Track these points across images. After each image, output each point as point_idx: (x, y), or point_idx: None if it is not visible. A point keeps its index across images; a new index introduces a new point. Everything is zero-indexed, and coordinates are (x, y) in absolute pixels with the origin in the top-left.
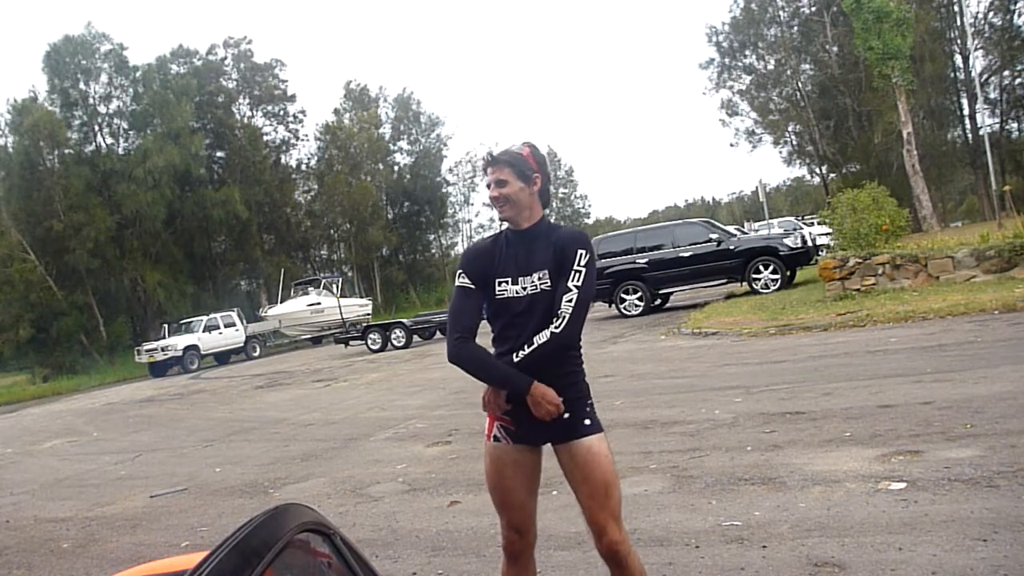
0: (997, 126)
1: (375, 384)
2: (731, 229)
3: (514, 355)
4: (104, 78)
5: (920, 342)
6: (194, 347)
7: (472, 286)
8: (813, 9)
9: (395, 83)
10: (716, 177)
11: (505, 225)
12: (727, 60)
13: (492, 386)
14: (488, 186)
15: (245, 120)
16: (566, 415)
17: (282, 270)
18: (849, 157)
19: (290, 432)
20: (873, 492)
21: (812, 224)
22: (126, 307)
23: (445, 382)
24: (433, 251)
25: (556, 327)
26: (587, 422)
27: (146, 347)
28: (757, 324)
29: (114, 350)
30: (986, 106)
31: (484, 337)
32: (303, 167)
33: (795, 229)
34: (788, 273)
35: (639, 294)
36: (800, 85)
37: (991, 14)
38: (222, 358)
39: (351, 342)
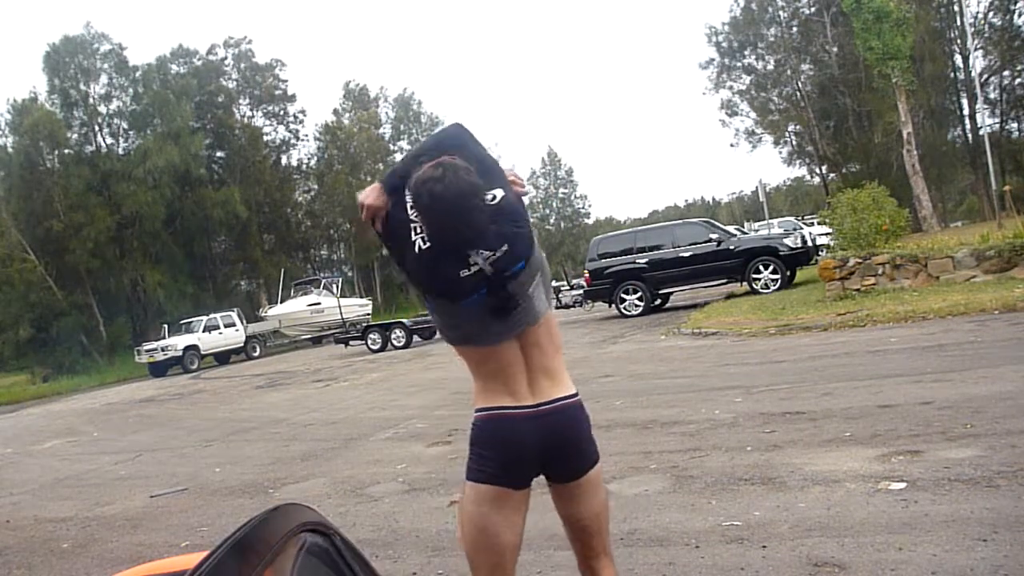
0: (997, 126)
1: (375, 384)
2: (731, 229)
3: None
4: (104, 78)
5: (920, 342)
6: (194, 347)
7: None
8: (813, 9)
9: (395, 83)
10: (716, 177)
11: None
12: (727, 60)
13: None
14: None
15: (245, 120)
16: None
17: (282, 270)
18: (849, 157)
19: (290, 432)
20: (873, 492)
21: (812, 224)
22: (126, 307)
23: (445, 382)
24: None
25: None
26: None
27: (146, 347)
28: (757, 324)
29: (114, 350)
30: (986, 106)
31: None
32: (303, 167)
33: (795, 229)
34: (788, 273)
35: (639, 294)
36: (800, 85)
37: (991, 14)
38: (222, 358)
39: (351, 342)
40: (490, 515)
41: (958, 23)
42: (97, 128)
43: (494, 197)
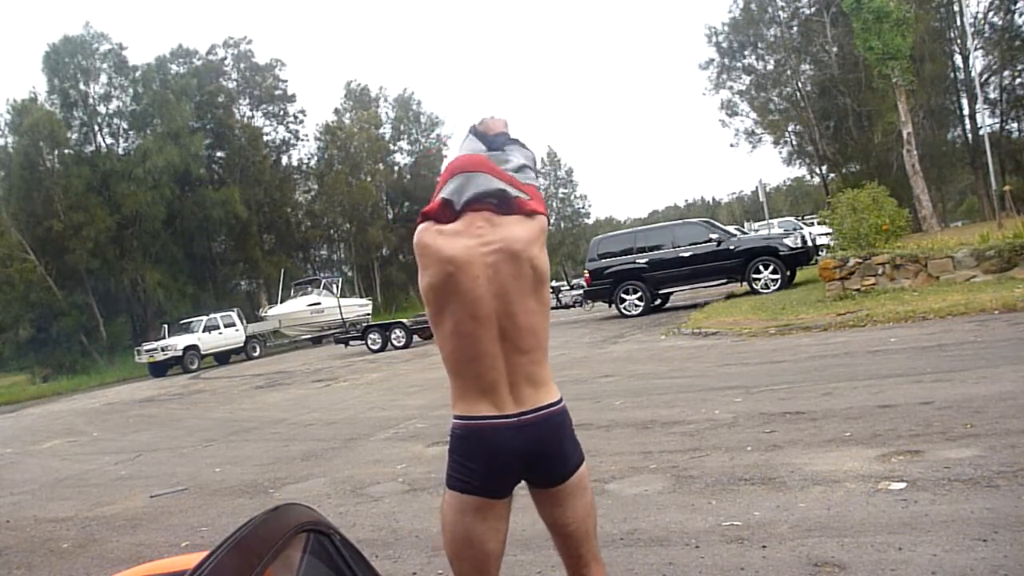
0: (997, 126)
1: (375, 384)
2: (731, 229)
3: None
4: (104, 78)
5: (920, 342)
6: (194, 347)
7: None
8: (813, 9)
9: (395, 83)
10: (716, 177)
11: None
12: (727, 60)
13: None
14: None
15: (245, 120)
16: None
17: (282, 270)
18: (849, 157)
19: (290, 432)
20: (873, 492)
21: (812, 224)
22: (126, 307)
23: (445, 382)
24: None
25: None
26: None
27: (146, 347)
28: (757, 324)
29: (114, 350)
30: (986, 106)
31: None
32: (303, 167)
33: (795, 229)
34: (788, 273)
35: (639, 294)
36: (800, 85)
37: (991, 14)
38: (222, 358)
39: (351, 342)
40: (474, 524)
41: (958, 23)
42: (97, 128)
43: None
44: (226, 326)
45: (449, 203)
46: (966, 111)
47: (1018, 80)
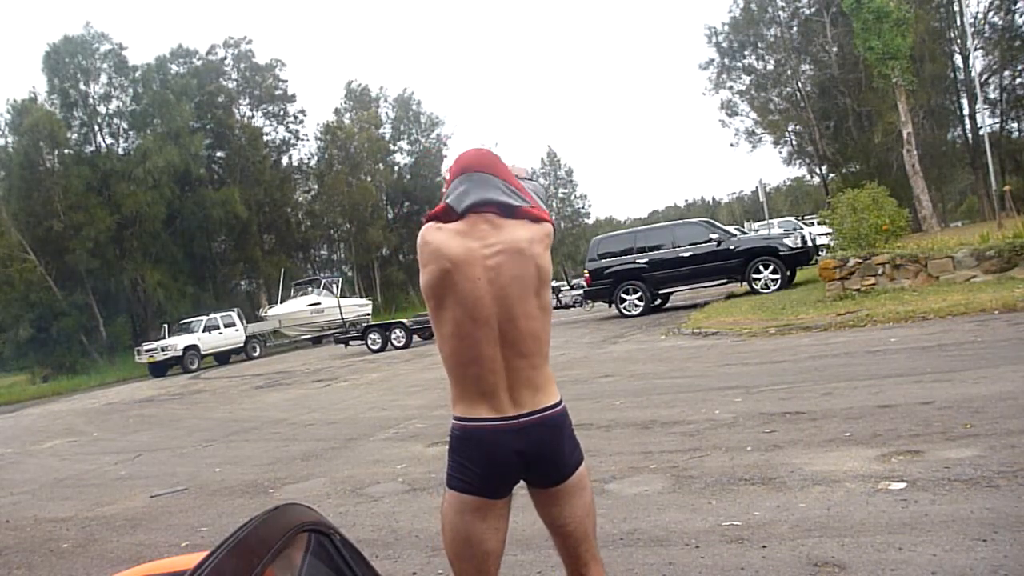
0: (997, 126)
1: (375, 384)
2: (731, 229)
3: None
4: (104, 78)
5: (920, 342)
6: (194, 347)
7: None
8: (813, 9)
9: (395, 83)
10: (716, 177)
11: None
12: (727, 60)
13: None
14: None
15: (245, 120)
16: None
17: (282, 270)
18: (849, 157)
19: (290, 432)
20: (873, 492)
21: (812, 224)
22: (126, 307)
23: (445, 382)
24: None
25: None
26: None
27: (146, 347)
28: (757, 324)
29: (114, 350)
30: (986, 106)
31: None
32: (303, 167)
33: (795, 229)
34: (788, 273)
35: (639, 294)
36: (800, 85)
37: (991, 14)
38: (222, 358)
39: (351, 342)
40: (474, 524)
41: (958, 23)
42: (97, 128)
43: None
44: (226, 326)
45: (452, 209)
46: (966, 111)
47: (1018, 80)
